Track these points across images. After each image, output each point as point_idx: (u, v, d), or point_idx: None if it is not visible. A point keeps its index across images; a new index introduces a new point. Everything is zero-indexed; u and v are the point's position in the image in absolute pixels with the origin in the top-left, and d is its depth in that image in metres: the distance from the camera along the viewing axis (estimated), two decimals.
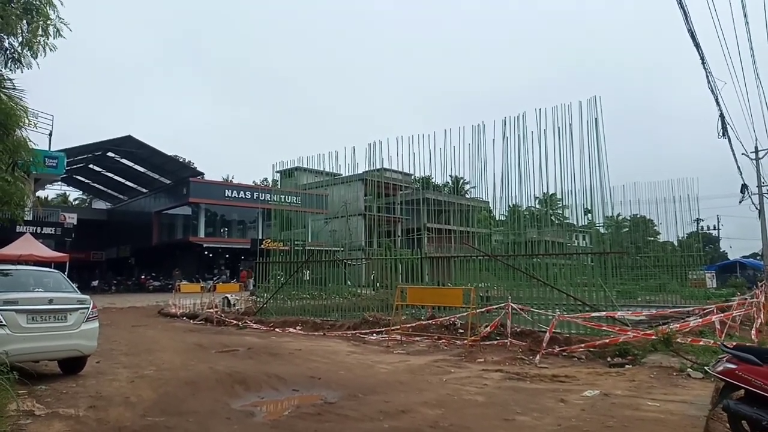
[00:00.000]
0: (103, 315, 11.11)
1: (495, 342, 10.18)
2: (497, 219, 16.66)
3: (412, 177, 20.18)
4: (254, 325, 14.17)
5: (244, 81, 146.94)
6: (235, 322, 14.76)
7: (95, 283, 36.30)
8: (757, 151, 27.78)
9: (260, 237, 29.59)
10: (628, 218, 21.33)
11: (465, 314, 10.85)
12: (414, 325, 11.70)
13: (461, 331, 11.12)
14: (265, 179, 50.94)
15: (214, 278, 33.57)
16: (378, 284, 16.49)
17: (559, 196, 14.60)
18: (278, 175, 21.19)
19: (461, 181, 22.23)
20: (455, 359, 8.90)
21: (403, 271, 15.07)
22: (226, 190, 36.16)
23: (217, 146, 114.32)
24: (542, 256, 12.99)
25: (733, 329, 10.56)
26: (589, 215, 14.32)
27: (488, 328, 10.60)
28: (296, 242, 17.68)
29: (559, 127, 12.29)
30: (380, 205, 18.96)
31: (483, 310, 11.35)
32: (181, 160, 45.17)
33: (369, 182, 19.08)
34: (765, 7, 10.95)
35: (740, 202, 27.25)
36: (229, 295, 20.06)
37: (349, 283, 16.52)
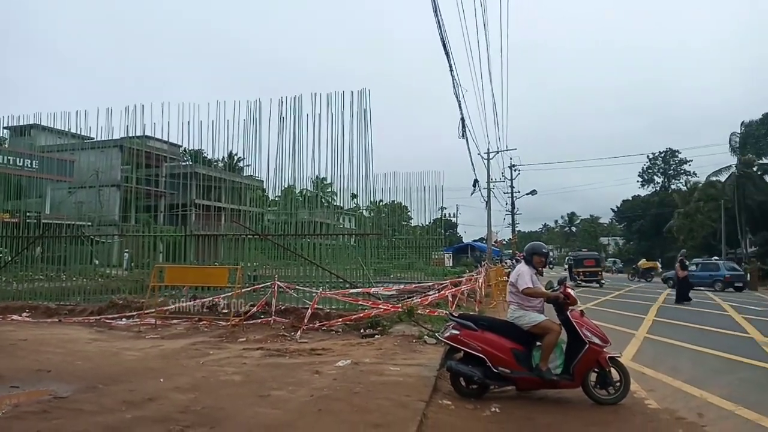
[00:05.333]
0: None
1: (259, 321, 10.18)
2: (271, 199, 16.59)
3: (181, 149, 18.73)
4: None
5: None
6: None
7: None
8: (488, 153, 34.48)
9: None
10: (388, 204, 23.52)
11: (230, 294, 10.58)
12: (172, 307, 10.96)
13: (225, 311, 10.82)
14: None
15: None
16: (133, 264, 14.95)
17: (329, 180, 15.21)
18: (6, 132, 17.50)
19: (235, 157, 21.53)
20: (216, 341, 8.62)
21: (165, 249, 13.96)
22: None
23: None
24: (311, 236, 13.41)
25: (462, 301, 12.49)
26: (356, 200, 15.33)
27: (255, 307, 10.55)
28: (29, 213, 14.87)
29: (332, 114, 12.76)
30: (141, 177, 17.12)
31: (249, 289, 11.23)
32: None
33: (128, 150, 17.03)
34: (500, 26, 13.02)
35: (471, 194, 33.59)
36: None
37: (96, 262, 14.59)
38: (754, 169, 42.58)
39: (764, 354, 7.95)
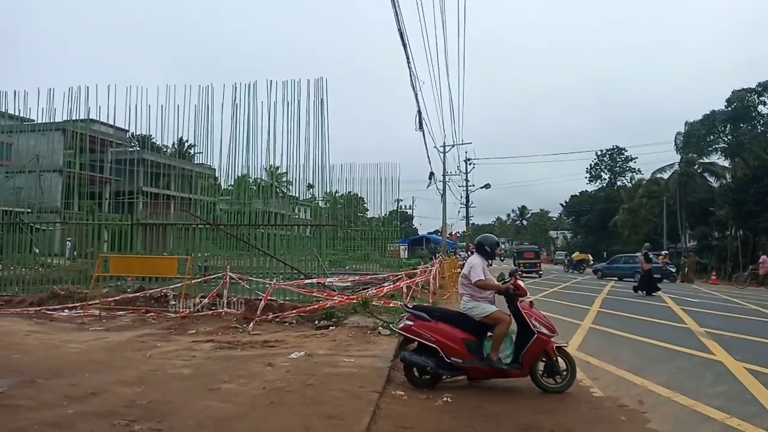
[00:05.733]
0: None
1: (210, 312, 9.95)
2: (223, 188, 16.18)
3: (128, 133, 18.01)
4: None
5: None
6: None
7: None
8: (445, 146, 34.76)
9: None
10: (344, 195, 23.40)
11: (179, 285, 10.29)
12: (118, 298, 10.56)
13: (174, 303, 10.51)
14: None
15: None
16: (75, 253, 14.30)
17: (285, 169, 14.97)
18: None
19: (186, 144, 20.86)
20: (164, 333, 8.38)
21: (110, 238, 13.42)
22: None
23: None
24: (265, 226, 13.20)
25: (417, 293, 12.61)
26: (311, 190, 15.16)
27: (205, 299, 10.30)
28: None
29: (288, 102, 12.53)
30: (85, 162, 16.31)
31: (200, 280, 10.96)
32: None
33: (72, 134, 16.20)
34: (458, 23, 13.13)
35: (427, 186, 34.17)
36: None
37: (36, 251, 13.88)
38: (696, 167, 44.84)
39: (700, 344, 8.40)
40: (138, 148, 18.25)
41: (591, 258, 42.51)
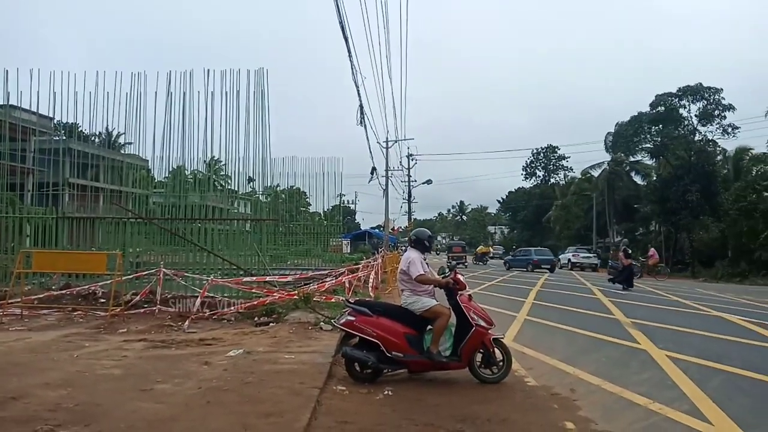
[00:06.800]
0: None
1: (143, 310, 9.56)
2: (157, 180, 15.51)
3: (53, 121, 16.92)
4: None
5: None
6: None
7: None
8: (387, 141, 34.94)
9: None
10: (286, 189, 23.02)
11: (109, 282, 9.80)
12: (42, 296, 9.93)
13: (103, 300, 10.01)
14: None
15: None
16: None
17: (224, 162, 14.55)
18: None
19: (116, 133, 19.84)
20: (92, 332, 7.96)
21: (33, 233, 12.58)
22: None
23: None
24: (202, 220, 12.78)
25: (359, 288, 12.63)
26: (252, 184, 14.82)
27: (138, 296, 9.87)
28: None
29: (227, 92, 12.16)
30: (5, 151, 15.16)
31: (132, 276, 10.49)
32: None
33: None
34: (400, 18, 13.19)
35: (369, 182, 34.39)
36: None
37: None
38: (623, 166, 47.36)
39: (626, 333, 8.89)
40: (64, 138, 17.16)
41: (492, 251, 52.77)
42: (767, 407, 5.00)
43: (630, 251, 20.51)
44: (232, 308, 9.41)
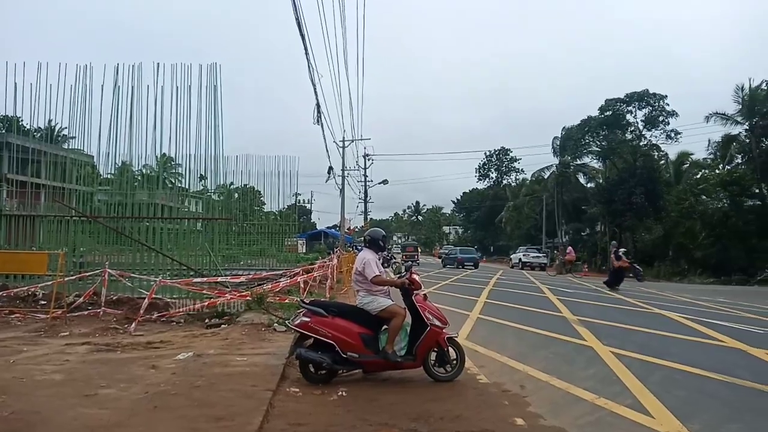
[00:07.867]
0: None
1: (86, 312, 9.16)
2: (103, 177, 14.90)
3: None
4: None
5: None
6: None
7: None
8: (344, 141, 34.97)
9: None
10: (239, 187, 22.54)
11: (50, 283, 9.34)
12: None
13: (44, 302, 9.54)
14: None
15: None
16: None
17: (175, 159, 14.16)
18: None
19: (59, 128, 18.93)
20: (32, 336, 7.58)
21: None
22: None
23: None
24: (151, 219, 12.38)
25: (314, 288, 12.53)
26: (204, 182, 14.45)
27: (80, 298, 9.45)
28: None
29: (178, 87, 11.84)
30: None
31: (75, 277, 10.04)
32: None
33: None
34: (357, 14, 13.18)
35: (326, 181, 34.39)
36: None
37: None
38: (571, 169, 48.99)
39: (574, 330, 9.19)
40: (2, 131, 16.26)
41: (419, 251, 55.51)
42: (703, 399, 5.27)
43: (621, 253, 20.41)
44: (182, 310, 9.15)
